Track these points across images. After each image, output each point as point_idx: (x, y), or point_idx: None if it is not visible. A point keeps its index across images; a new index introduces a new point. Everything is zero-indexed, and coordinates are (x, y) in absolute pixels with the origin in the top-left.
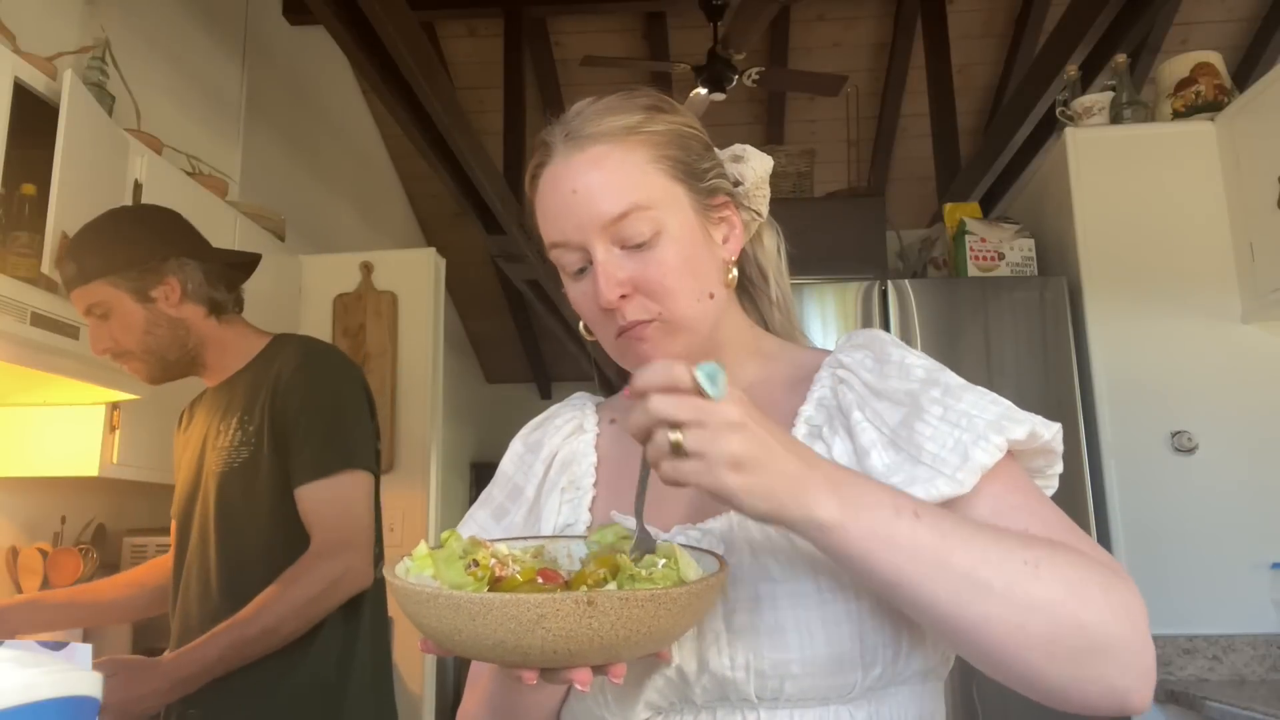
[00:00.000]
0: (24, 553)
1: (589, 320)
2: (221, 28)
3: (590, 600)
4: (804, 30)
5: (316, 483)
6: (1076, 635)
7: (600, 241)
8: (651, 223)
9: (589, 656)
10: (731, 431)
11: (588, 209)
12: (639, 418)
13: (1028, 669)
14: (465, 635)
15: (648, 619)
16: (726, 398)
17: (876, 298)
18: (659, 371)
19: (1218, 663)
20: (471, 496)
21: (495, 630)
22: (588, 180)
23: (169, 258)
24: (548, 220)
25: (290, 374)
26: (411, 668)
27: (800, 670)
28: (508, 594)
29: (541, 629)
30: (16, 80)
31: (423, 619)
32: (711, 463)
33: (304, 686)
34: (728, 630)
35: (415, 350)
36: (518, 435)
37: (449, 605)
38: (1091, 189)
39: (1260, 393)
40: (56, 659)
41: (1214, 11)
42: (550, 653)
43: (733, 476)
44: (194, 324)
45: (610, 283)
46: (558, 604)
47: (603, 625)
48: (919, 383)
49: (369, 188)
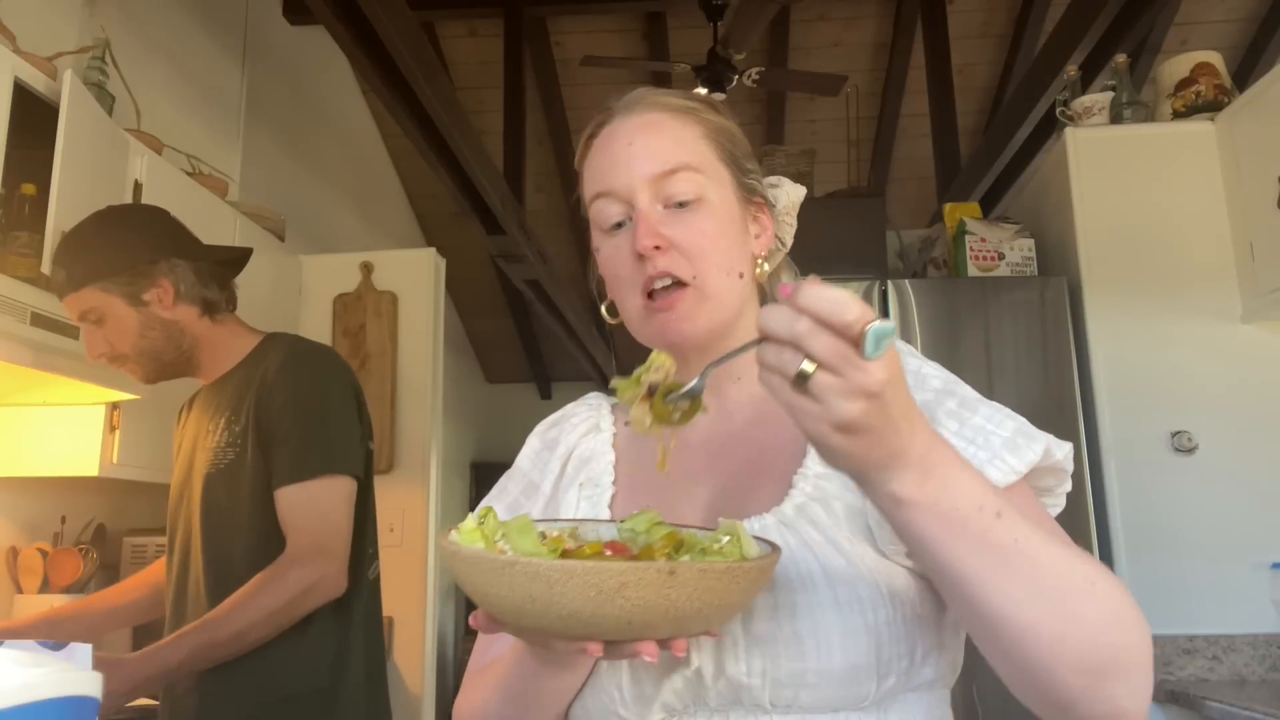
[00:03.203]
0: (24, 553)
1: (618, 281)
2: (221, 28)
3: (672, 570)
4: (804, 30)
5: (294, 486)
6: (1108, 655)
7: (645, 192)
8: (697, 186)
9: (658, 629)
10: (864, 398)
11: (641, 160)
12: (779, 325)
13: (1051, 678)
14: (539, 605)
15: (721, 591)
16: (879, 361)
17: (876, 298)
18: (831, 302)
19: (1218, 663)
20: (472, 496)
21: (573, 599)
22: (644, 136)
23: (160, 260)
24: (597, 173)
25: (274, 374)
26: (411, 668)
27: (816, 680)
28: (590, 561)
29: (621, 598)
30: (16, 80)
31: (491, 588)
32: (825, 414)
33: (294, 689)
34: (746, 637)
35: (415, 350)
36: (534, 432)
37: (526, 573)
38: (1091, 189)
39: (1260, 393)
40: (56, 659)
41: (1214, 11)
42: (624, 624)
43: (836, 436)
44: (188, 325)
45: (650, 230)
46: (640, 572)
47: (679, 596)
48: (934, 393)
49: (369, 188)
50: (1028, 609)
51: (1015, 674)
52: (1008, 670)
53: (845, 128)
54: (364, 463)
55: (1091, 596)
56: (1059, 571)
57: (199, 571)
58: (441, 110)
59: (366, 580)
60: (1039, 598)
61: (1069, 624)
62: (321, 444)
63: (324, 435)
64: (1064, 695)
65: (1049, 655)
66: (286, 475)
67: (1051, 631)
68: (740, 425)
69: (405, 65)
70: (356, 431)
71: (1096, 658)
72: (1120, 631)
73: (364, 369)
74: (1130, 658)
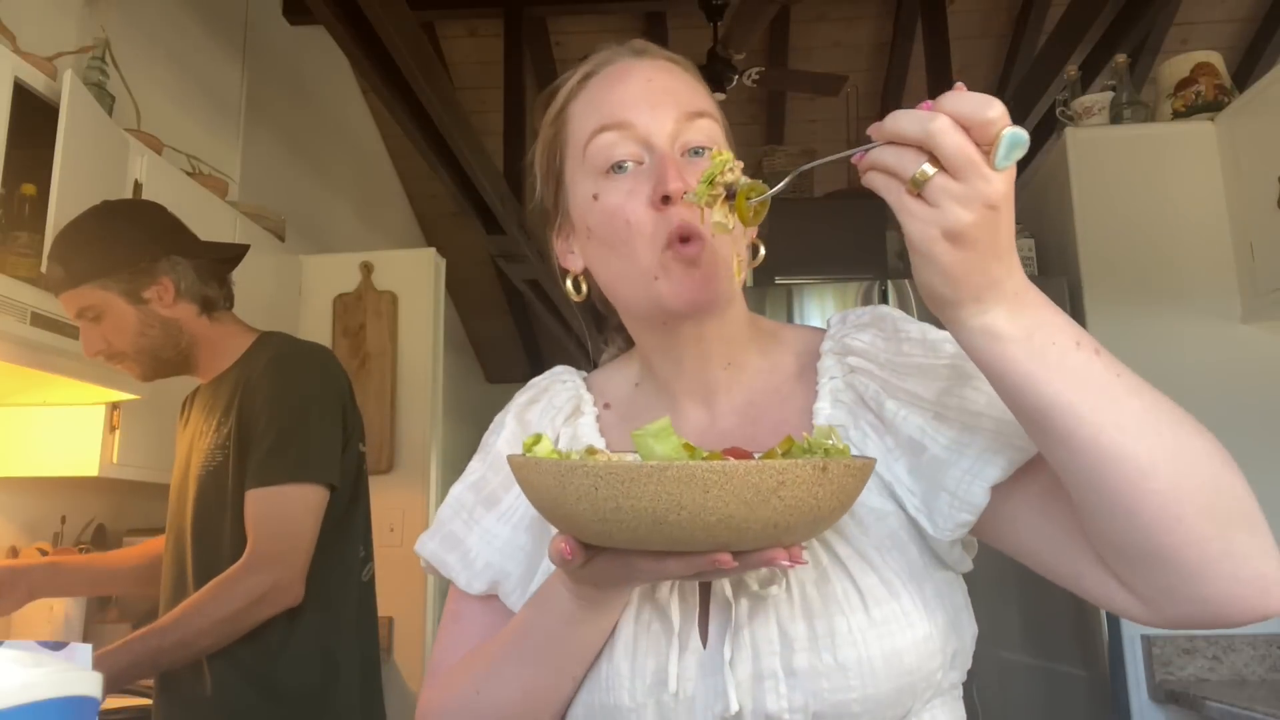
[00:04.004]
0: (24, 553)
1: (626, 230)
2: (221, 28)
3: (825, 466)
4: (804, 30)
5: (261, 490)
6: (1231, 500)
7: (668, 131)
8: (714, 137)
9: (796, 533)
10: (983, 206)
11: (664, 97)
12: (909, 124)
13: (1178, 528)
14: (686, 513)
15: (854, 489)
16: (1004, 174)
17: (876, 298)
18: (973, 101)
19: (1218, 663)
20: None
21: (729, 502)
22: (665, 77)
23: (160, 257)
24: (605, 106)
25: (258, 375)
26: (411, 667)
27: (860, 709)
28: (748, 461)
29: (776, 498)
30: (16, 80)
31: (629, 499)
32: (939, 219)
33: (284, 690)
34: (787, 674)
35: (415, 350)
36: (509, 413)
37: (679, 478)
38: (1091, 189)
39: (1260, 393)
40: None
41: (1214, 11)
42: (770, 527)
43: (945, 247)
44: (186, 323)
45: (680, 173)
46: (798, 470)
47: (825, 493)
48: (950, 358)
49: (369, 188)
50: (1144, 443)
51: (1132, 533)
52: (1121, 530)
53: (845, 128)
54: (353, 467)
55: (1200, 435)
56: (1167, 409)
57: (192, 571)
58: (441, 110)
59: (359, 582)
60: (1153, 432)
61: (1188, 460)
62: (294, 450)
63: (298, 441)
64: (1195, 553)
65: (1173, 495)
66: (255, 478)
67: (1172, 468)
68: (733, 424)
69: (405, 65)
70: (336, 437)
71: (1222, 501)
72: (1236, 476)
73: (364, 369)
74: (1254, 507)
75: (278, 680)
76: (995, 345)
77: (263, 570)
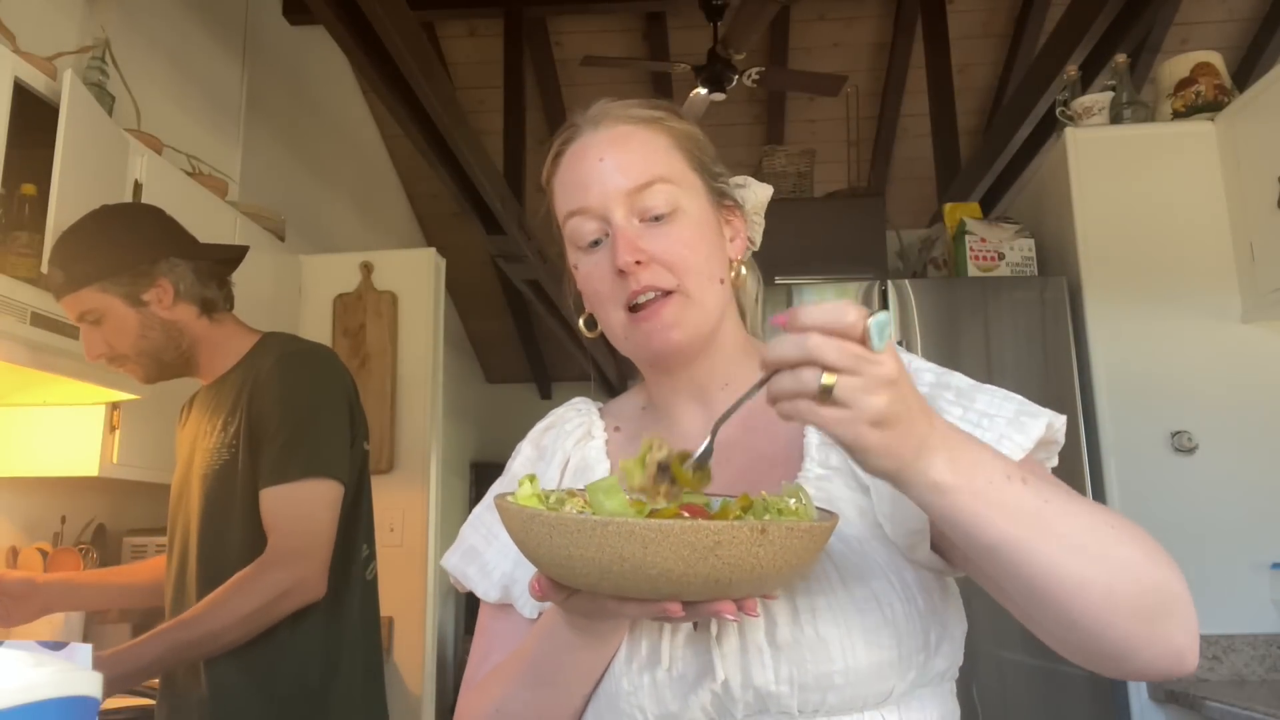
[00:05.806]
0: (24, 553)
1: (598, 297)
2: (221, 28)
3: (764, 529)
4: (804, 30)
5: (277, 487)
6: (1153, 594)
7: (621, 208)
8: (671, 198)
9: (740, 588)
10: (885, 389)
11: (613, 176)
12: (789, 350)
13: (1109, 630)
14: (628, 565)
15: (801, 550)
16: (886, 351)
17: (876, 298)
18: (830, 312)
19: (1218, 663)
20: (472, 496)
21: (666, 558)
22: (615, 151)
23: (159, 259)
24: (570, 190)
25: (266, 374)
26: (411, 668)
27: (843, 681)
28: (685, 520)
29: (714, 556)
30: (16, 80)
31: (576, 549)
32: (857, 415)
33: (286, 689)
34: (771, 646)
35: (415, 350)
36: (526, 439)
37: (620, 533)
38: (1091, 189)
39: (1260, 393)
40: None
41: (1214, 11)
42: (712, 583)
43: (872, 433)
44: (187, 325)
45: (630, 246)
46: (735, 531)
47: (766, 554)
48: (929, 386)
49: (369, 188)
50: (1074, 564)
51: (1072, 636)
52: (1063, 634)
53: (845, 128)
54: (358, 464)
55: (1121, 541)
56: (1090, 523)
57: (195, 571)
58: (441, 110)
59: (362, 581)
60: (1080, 551)
61: (1114, 570)
62: (307, 446)
63: (310, 438)
64: (1124, 646)
65: (1105, 606)
66: (270, 476)
67: (1102, 581)
68: (734, 434)
69: (405, 65)
70: (345, 435)
71: (1147, 599)
72: (1158, 568)
73: (364, 369)
74: (1174, 592)
75: (281, 679)
76: (945, 498)
77: (285, 566)
